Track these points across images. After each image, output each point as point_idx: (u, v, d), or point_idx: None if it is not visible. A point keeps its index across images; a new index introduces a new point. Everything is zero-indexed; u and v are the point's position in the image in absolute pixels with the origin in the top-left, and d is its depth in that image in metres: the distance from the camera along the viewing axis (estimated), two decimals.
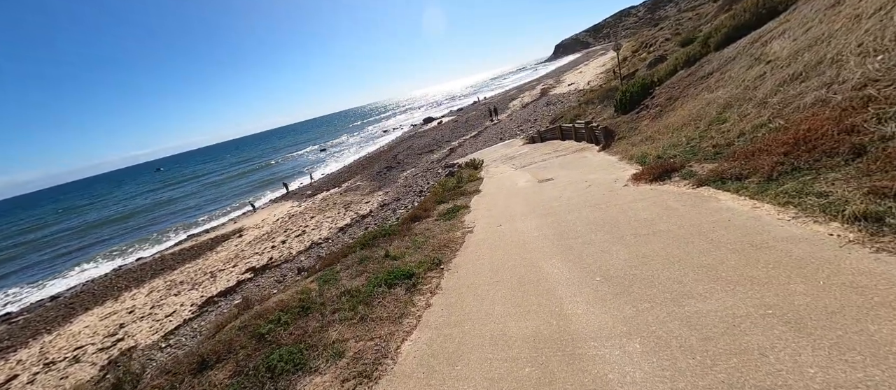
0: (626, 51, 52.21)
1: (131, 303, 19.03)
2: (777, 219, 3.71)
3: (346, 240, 17.53)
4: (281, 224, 25.47)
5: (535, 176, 10.51)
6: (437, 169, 25.34)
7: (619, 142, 10.73)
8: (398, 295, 4.11)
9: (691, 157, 6.69)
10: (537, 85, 61.29)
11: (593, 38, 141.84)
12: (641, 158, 7.90)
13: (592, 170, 8.86)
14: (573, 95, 36.93)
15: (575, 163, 10.56)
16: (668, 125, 8.80)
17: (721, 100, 7.73)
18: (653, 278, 3.29)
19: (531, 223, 5.95)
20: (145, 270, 24.06)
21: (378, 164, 35.68)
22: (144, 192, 65.14)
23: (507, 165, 15.61)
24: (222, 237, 26.77)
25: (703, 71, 10.21)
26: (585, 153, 12.04)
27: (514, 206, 7.35)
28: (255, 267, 18.42)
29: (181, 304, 16.63)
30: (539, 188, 8.63)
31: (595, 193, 6.65)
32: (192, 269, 21.47)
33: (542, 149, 17.24)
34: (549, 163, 12.06)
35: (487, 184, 11.02)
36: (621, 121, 11.72)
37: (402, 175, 28.57)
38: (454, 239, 5.97)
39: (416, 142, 41.76)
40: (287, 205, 31.43)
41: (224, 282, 17.66)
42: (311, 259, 17.03)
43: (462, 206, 8.37)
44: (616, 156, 9.64)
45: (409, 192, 22.47)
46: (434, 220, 7.61)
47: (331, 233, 20.19)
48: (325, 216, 23.89)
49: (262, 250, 20.84)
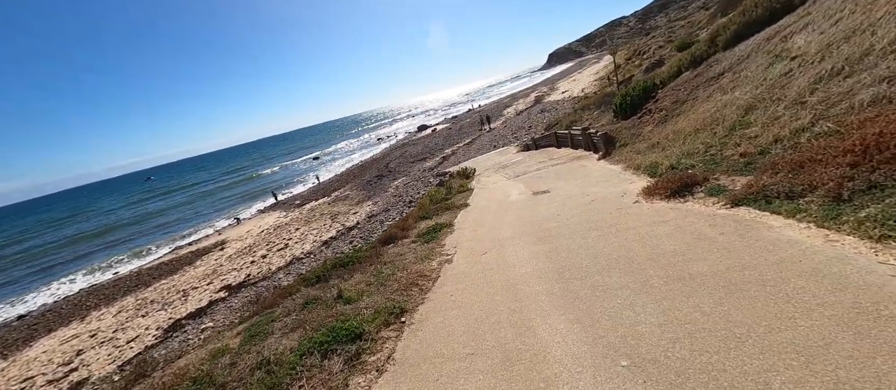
0: (620, 58, 51.66)
1: (97, 325, 17.47)
2: (879, 262, 2.47)
3: (328, 255, 16.22)
4: (265, 236, 24.04)
5: (529, 187, 9.28)
6: (429, 178, 24.11)
7: (620, 149, 9.56)
8: (332, 372, 2.83)
9: (714, 168, 5.50)
10: (531, 92, 60.53)
11: (586, 47, 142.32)
12: (651, 168, 6.71)
13: (594, 181, 7.65)
14: (567, 102, 36.00)
15: (573, 173, 9.36)
16: (677, 130, 7.63)
17: (741, 102, 6.59)
18: (714, 370, 2.03)
19: (523, 251, 4.69)
20: (119, 287, 22.49)
21: (369, 173, 34.43)
22: (128, 205, 63.13)
23: (500, 175, 14.39)
24: (203, 251, 25.27)
25: (713, 71, 9.11)
26: (583, 161, 10.84)
27: (504, 226, 6.11)
28: (230, 285, 16.97)
29: (146, 328, 15.15)
30: (533, 202, 7.40)
31: (600, 211, 5.42)
32: (166, 286, 19.96)
33: (536, 156, 16.06)
34: (544, 173, 10.85)
35: (477, 197, 9.78)
36: (622, 127, 10.57)
37: (392, 184, 27.32)
38: (428, 271, 4.70)
39: (409, 149, 40.59)
40: (274, 215, 30.02)
41: (195, 303, 16.20)
42: (290, 276, 15.62)
43: (445, 225, 7.10)
44: (619, 165, 8.44)
45: (398, 202, 21.22)
46: (411, 242, 6.34)
47: (314, 246, 18.82)
48: (310, 228, 22.51)
49: (241, 265, 19.38)
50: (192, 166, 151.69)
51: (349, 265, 5.34)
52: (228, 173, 76.75)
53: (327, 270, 5.23)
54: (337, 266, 5.36)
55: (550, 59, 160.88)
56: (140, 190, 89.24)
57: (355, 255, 5.65)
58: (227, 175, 74.29)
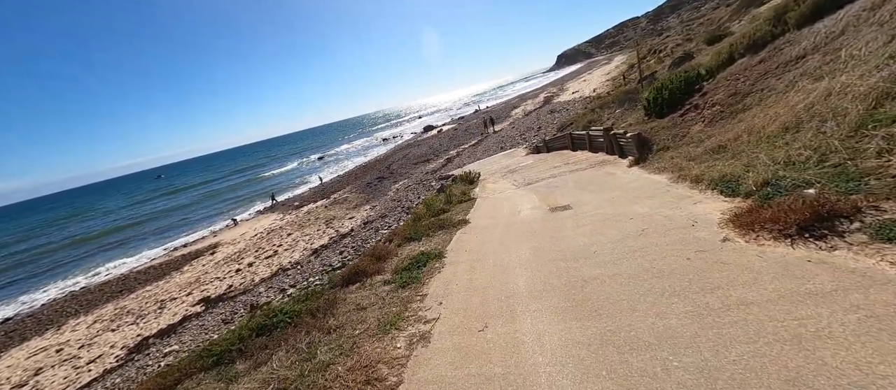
0: (634, 58, 49.06)
1: (68, 337, 15.87)
2: None
3: (315, 267, 14.32)
4: (256, 241, 22.30)
5: (544, 200, 7.21)
6: (431, 181, 22.10)
7: (660, 154, 7.44)
8: None
9: (852, 187, 3.39)
10: (540, 93, 58.07)
11: (595, 48, 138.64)
12: (726, 183, 4.63)
13: (632, 196, 5.60)
14: (578, 103, 33.65)
15: (599, 183, 7.27)
16: (752, 129, 5.53)
17: (860, 89, 4.47)
18: None
19: (553, 336, 2.66)
20: (104, 292, 20.98)
21: (370, 175, 32.55)
22: (132, 205, 62.15)
23: (508, 181, 12.27)
24: (194, 254, 23.65)
25: (786, 54, 6.95)
26: (609, 168, 8.70)
27: (515, 267, 4.10)
28: (209, 297, 15.18)
29: (112, 345, 13.46)
30: (553, 224, 5.36)
31: (665, 251, 3.39)
32: (147, 294, 18.33)
33: (549, 160, 13.88)
34: (561, 182, 8.76)
35: (480, 211, 7.75)
36: (658, 127, 8.44)
37: (393, 187, 25.39)
38: (388, 358, 2.70)
39: (413, 150, 38.64)
40: (271, 217, 28.33)
41: (169, 317, 14.45)
42: (272, 290, 13.73)
43: (434, 255, 5.10)
44: (663, 175, 6.35)
45: (396, 208, 19.26)
46: (384, 282, 4.36)
47: (303, 255, 16.93)
48: (303, 233, 20.67)
49: (225, 273, 17.63)
50: (202, 165, 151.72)
51: (281, 327, 3.38)
52: (235, 173, 75.52)
53: (243, 338, 3.30)
54: (261, 331, 3.40)
55: (559, 61, 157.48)
56: (148, 188, 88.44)
57: (295, 309, 3.68)
58: (234, 174, 73.15)
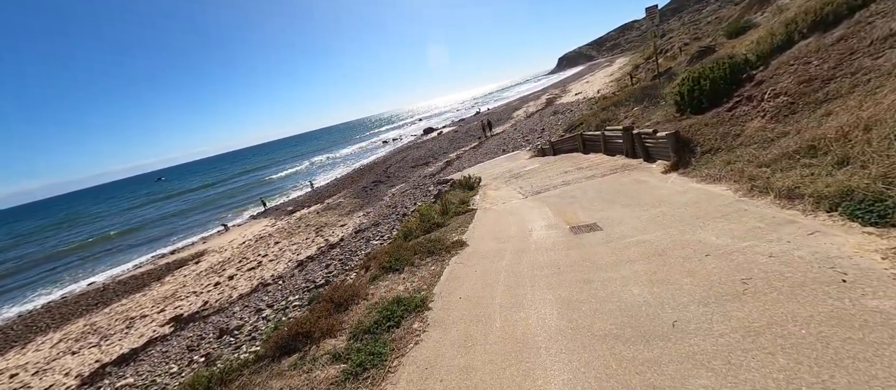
0: (638, 59, 47.40)
1: (29, 358, 14.40)
2: None
3: (298, 283, 12.76)
4: (243, 249, 20.76)
5: (561, 215, 5.60)
6: (429, 186, 20.52)
7: (706, 157, 5.84)
8: None
9: None
10: (542, 95, 56.49)
11: (596, 51, 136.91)
12: (857, 201, 3.02)
13: (690, 214, 4.03)
14: (582, 104, 32.01)
15: (630, 193, 5.67)
16: (862, 123, 3.91)
17: None
18: None
19: None
20: (80, 304, 19.51)
21: (367, 178, 31.00)
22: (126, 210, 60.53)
23: (512, 188, 10.66)
24: (178, 263, 22.14)
25: (879, 29, 5.36)
26: (637, 174, 7.08)
27: (540, 347, 2.46)
28: (181, 315, 13.66)
29: (67, 374, 12.00)
30: (581, 254, 3.80)
31: (829, 342, 1.78)
32: (120, 309, 16.82)
33: (558, 164, 12.27)
34: (578, 191, 7.15)
35: (480, 227, 6.17)
36: (699, 125, 6.84)
37: (389, 191, 23.82)
38: None
39: (412, 153, 37.08)
40: (262, 223, 26.81)
41: (135, 338, 12.95)
42: (247, 310, 12.15)
43: (416, 303, 3.51)
44: (720, 185, 4.77)
45: (390, 215, 17.68)
46: (330, 360, 2.79)
47: (287, 267, 15.39)
48: (291, 242, 19.12)
49: (204, 287, 16.10)
50: (205, 167, 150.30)
51: None
52: (234, 177, 73.82)
53: None
54: None
55: (560, 63, 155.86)
56: (143, 193, 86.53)
57: None
58: (234, 178, 71.59)
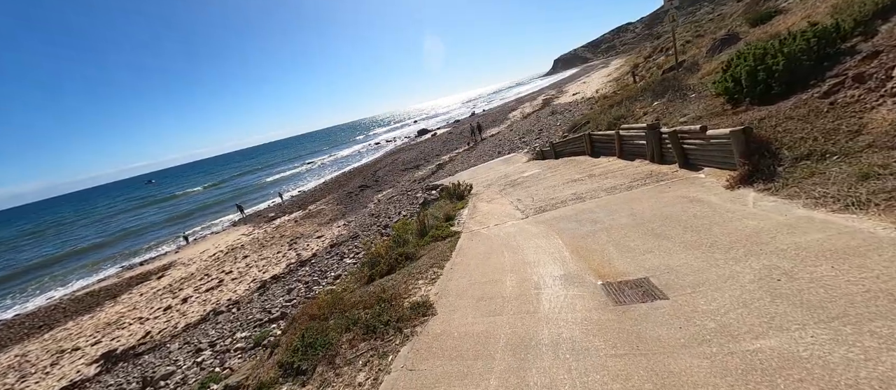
0: (638, 58, 45.59)
1: None
2: None
3: (252, 313, 10.62)
4: (210, 263, 18.49)
5: (584, 257, 3.49)
6: (417, 191, 18.38)
7: (806, 165, 3.71)
8: None
9: None
10: (538, 96, 54.50)
11: (592, 52, 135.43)
12: None
13: (847, 275, 1.91)
14: (581, 104, 29.95)
15: (688, 221, 3.58)
16: None
17: None
18: None
19: None
20: (25, 325, 17.15)
21: (354, 182, 28.77)
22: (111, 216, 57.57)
23: (508, 200, 8.48)
24: (141, 277, 19.85)
25: None
26: (682, 187, 4.95)
27: None
28: (114, 351, 11.45)
29: None
30: (641, 366, 1.65)
31: None
32: (60, 335, 14.58)
33: (561, 170, 10.12)
34: (601, 210, 5.03)
35: (460, 270, 4.10)
36: (779, 118, 4.78)
37: (375, 197, 21.64)
38: None
39: (404, 155, 34.88)
40: (240, 230, 24.54)
41: (54, 381, 10.67)
42: (186, 349, 9.96)
43: None
44: (864, 217, 2.58)
45: (372, 225, 15.53)
46: None
47: (247, 290, 13.18)
48: (260, 255, 16.86)
49: (153, 311, 13.89)
50: (202, 169, 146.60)
51: None
52: (228, 180, 70.85)
53: None
54: None
55: (556, 65, 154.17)
56: (134, 196, 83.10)
57: None
58: (228, 181, 68.71)
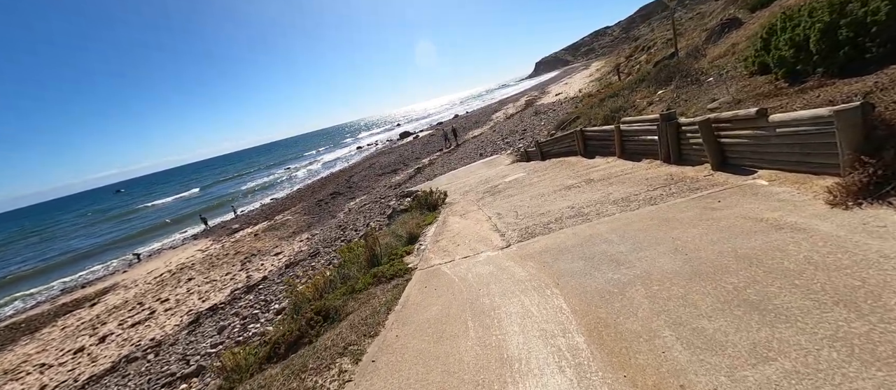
0: (619, 58, 44.96)
1: None
2: None
3: (168, 364, 8.40)
4: (152, 286, 16.00)
5: (617, 354, 1.88)
6: (390, 199, 16.37)
7: None
8: None
9: None
10: (521, 97, 53.34)
11: (572, 55, 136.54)
12: None
13: None
14: (566, 104, 28.60)
15: (822, 285, 1.73)
16: None
17: None
18: None
19: None
20: None
21: (325, 190, 26.45)
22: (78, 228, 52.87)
23: (486, 214, 6.54)
24: (75, 303, 17.27)
25: None
26: (740, 201, 3.21)
27: None
28: None
29: None
30: None
31: None
32: None
33: (552, 174, 8.29)
34: (621, 238, 3.25)
35: (389, 366, 2.04)
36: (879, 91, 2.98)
37: (346, 206, 19.47)
38: None
39: (383, 159, 32.71)
40: (198, 245, 21.94)
41: None
42: None
43: None
44: None
45: (338, 238, 13.50)
46: None
47: (179, 324, 10.92)
48: (207, 278, 14.47)
49: (62, 354, 11.48)
50: (175, 177, 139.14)
51: None
52: (196, 195, 65.95)
53: None
54: None
55: (538, 67, 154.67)
56: (99, 208, 76.71)
57: None
58: (206, 190, 64.19)
